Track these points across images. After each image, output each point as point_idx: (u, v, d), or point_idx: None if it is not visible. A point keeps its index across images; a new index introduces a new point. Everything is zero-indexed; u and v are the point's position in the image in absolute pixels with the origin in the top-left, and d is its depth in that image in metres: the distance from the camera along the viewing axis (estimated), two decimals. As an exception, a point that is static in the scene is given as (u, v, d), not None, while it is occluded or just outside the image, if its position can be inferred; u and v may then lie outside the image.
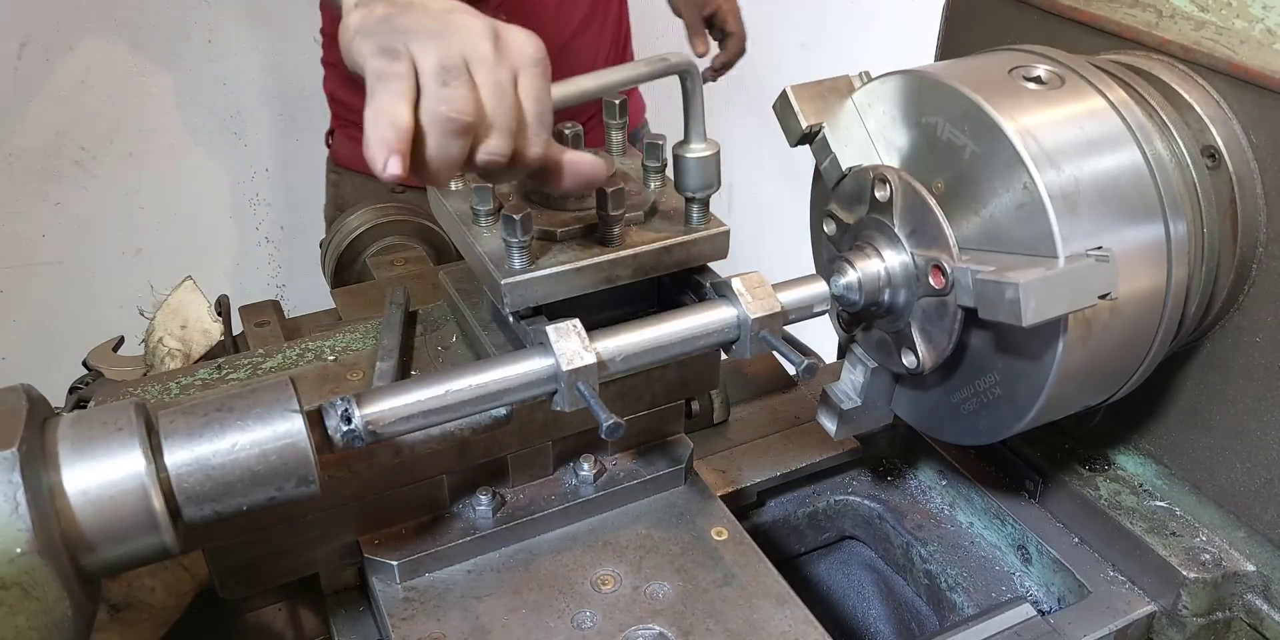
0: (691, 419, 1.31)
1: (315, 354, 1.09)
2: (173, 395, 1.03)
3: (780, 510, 1.34)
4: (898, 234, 0.96)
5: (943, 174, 0.93)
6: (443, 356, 1.09)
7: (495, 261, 0.92)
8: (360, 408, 0.81)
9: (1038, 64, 0.94)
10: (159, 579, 1.06)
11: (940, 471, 1.33)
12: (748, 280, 0.92)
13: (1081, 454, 1.21)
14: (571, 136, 0.98)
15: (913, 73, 0.96)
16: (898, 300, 0.98)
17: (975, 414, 1.01)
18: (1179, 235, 0.90)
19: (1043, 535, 1.18)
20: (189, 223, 2.99)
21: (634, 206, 0.97)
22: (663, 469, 1.11)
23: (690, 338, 0.91)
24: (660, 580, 1.01)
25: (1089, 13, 1.09)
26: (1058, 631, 1.07)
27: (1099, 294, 0.83)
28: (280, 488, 0.77)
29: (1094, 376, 0.95)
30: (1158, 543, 1.09)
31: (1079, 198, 0.85)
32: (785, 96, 1.05)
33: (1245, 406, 1.03)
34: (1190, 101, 0.98)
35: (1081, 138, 0.88)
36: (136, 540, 0.72)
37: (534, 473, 1.09)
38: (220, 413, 0.76)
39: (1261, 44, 0.93)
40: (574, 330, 0.86)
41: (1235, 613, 1.08)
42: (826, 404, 1.12)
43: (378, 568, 1.01)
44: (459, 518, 1.05)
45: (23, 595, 0.66)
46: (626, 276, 0.96)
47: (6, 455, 0.66)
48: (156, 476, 0.72)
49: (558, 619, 0.98)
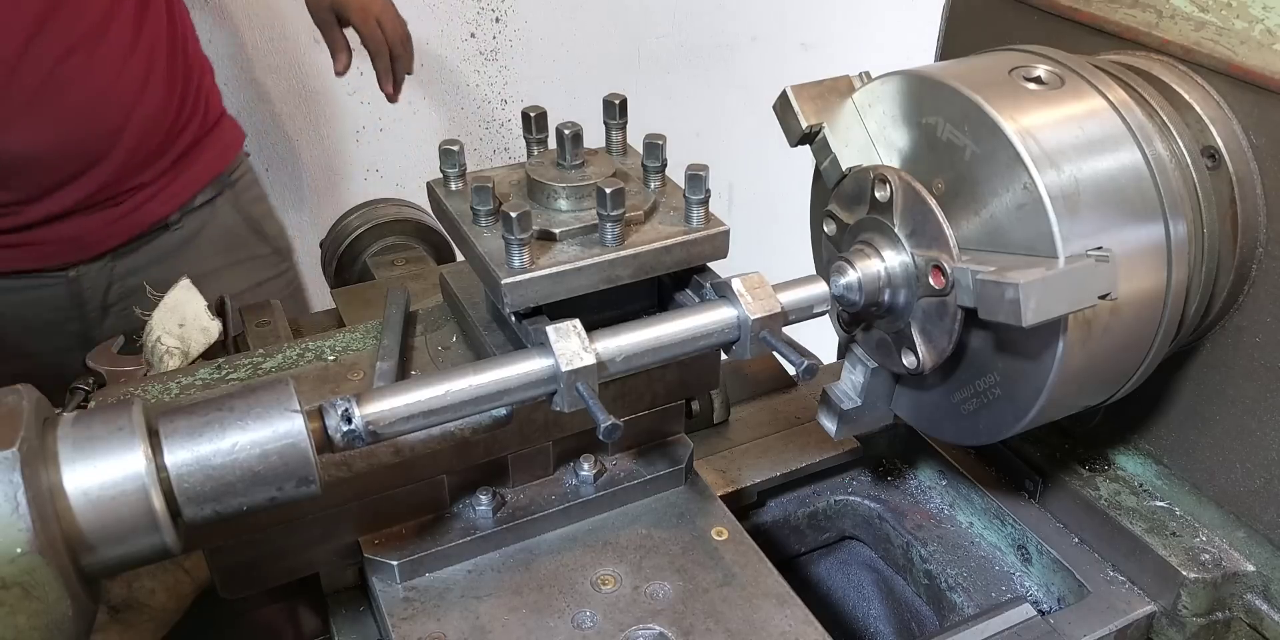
0: (691, 419, 1.31)
1: (315, 354, 1.09)
2: (173, 395, 1.03)
3: (780, 510, 1.34)
4: (898, 234, 0.97)
5: (943, 174, 0.93)
6: (443, 356, 1.09)
7: (495, 261, 0.92)
8: (360, 408, 0.81)
9: (1038, 64, 0.94)
10: (159, 580, 1.06)
11: (940, 471, 1.33)
12: (748, 281, 0.92)
13: (1081, 454, 1.21)
14: (571, 136, 0.98)
15: (913, 73, 0.96)
16: (898, 300, 0.98)
17: (975, 414, 1.01)
18: (1179, 236, 0.90)
19: (1043, 535, 1.18)
20: (189, 223, 2.99)
21: (634, 206, 0.97)
22: (663, 469, 1.11)
23: (690, 338, 0.91)
24: (660, 580, 1.01)
25: (1089, 13, 1.09)
26: (1058, 631, 1.07)
27: (1099, 294, 0.83)
28: (281, 488, 0.77)
29: (1094, 377, 0.95)
30: (1158, 543, 1.09)
31: (1079, 198, 0.85)
32: (785, 96, 1.05)
33: (1245, 406, 1.03)
34: (1190, 102, 0.98)
35: (1082, 138, 0.88)
36: (137, 540, 0.72)
37: (534, 473, 1.09)
38: (220, 413, 0.76)
39: (1261, 44, 0.93)
40: (574, 330, 0.86)
41: (1235, 613, 1.08)
42: (826, 404, 1.12)
43: (378, 568, 1.02)
44: (459, 518, 1.05)
45: (23, 595, 0.66)
46: (626, 276, 0.96)
47: (7, 455, 0.66)
48: (157, 476, 0.72)
49: (558, 619, 0.98)
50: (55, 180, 1.78)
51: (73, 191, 1.80)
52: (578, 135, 0.99)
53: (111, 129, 1.79)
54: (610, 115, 1.05)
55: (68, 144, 1.75)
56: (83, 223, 1.86)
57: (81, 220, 1.86)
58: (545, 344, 0.85)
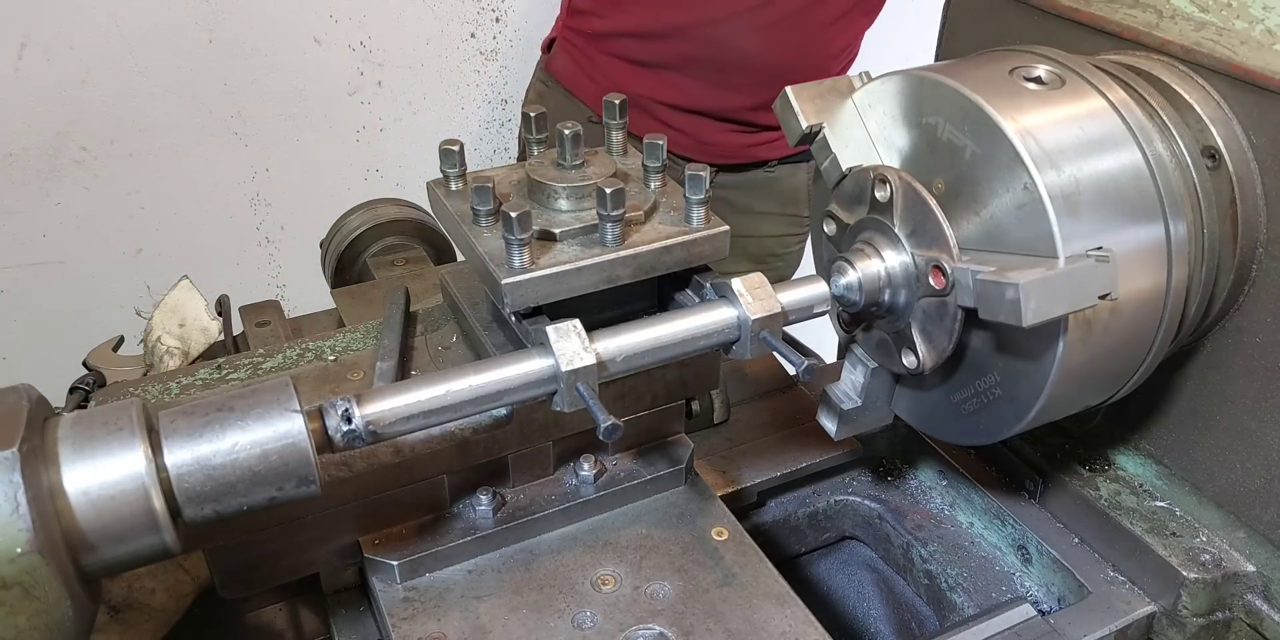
0: (692, 419, 1.31)
1: (315, 354, 1.09)
2: (173, 395, 1.03)
3: (780, 510, 1.34)
4: (898, 234, 0.96)
5: (943, 174, 0.93)
6: (443, 356, 1.09)
7: (495, 261, 0.92)
8: (361, 408, 0.81)
9: (1038, 64, 0.94)
10: (159, 580, 1.06)
11: (940, 471, 1.33)
12: (748, 281, 0.92)
13: (1081, 454, 1.21)
14: (570, 136, 0.98)
15: (913, 73, 0.96)
16: (898, 301, 0.98)
17: (975, 414, 1.01)
18: (1179, 236, 0.90)
19: (1043, 535, 1.18)
20: (189, 223, 2.99)
21: (634, 206, 0.97)
22: (663, 469, 1.11)
23: (690, 338, 0.91)
24: (660, 580, 1.01)
25: (1089, 13, 1.09)
26: (1058, 631, 1.07)
27: (1099, 294, 0.83)
28: (281, 488, 0.77)
29: (1094, 377, 0.95)
30: (1158, 543, 1.09)
31: (1079, 198, 0.85)
32: (785, 96, 1.05)
33: (1245, 406, 1.03)
34: (1190, 102, 0.98)
35: (1082, 138, 0.88)
36: (137, 540, 0.72)
37: (534, 473, 1.09)
38: (221, 413, 0.76)
39: (1261, 44, 0.93)
40: (574, 330, 0.86)
41: (1235, 613, 1.08)
42: (827, 404, 1.12)
43: (378, 568, 1.01)
44: (459, 518, 1.05)
45: (23, 595, 0.66)
46: (626, 276, 0.96)
47: (7, 455, 0.66)
48: (157, 476, 0.72)
49: (558, 619, 0.98)
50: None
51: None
52: (578, 135, 0.99)
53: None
54: (610, 115, 1.05)
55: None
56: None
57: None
58: (545, 344, 0.85)
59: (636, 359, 0.89)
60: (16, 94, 2.64)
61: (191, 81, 2.81)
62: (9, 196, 2.75)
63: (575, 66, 2.34)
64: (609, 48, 2.26)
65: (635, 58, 2.23)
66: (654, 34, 2.18)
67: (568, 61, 2.36)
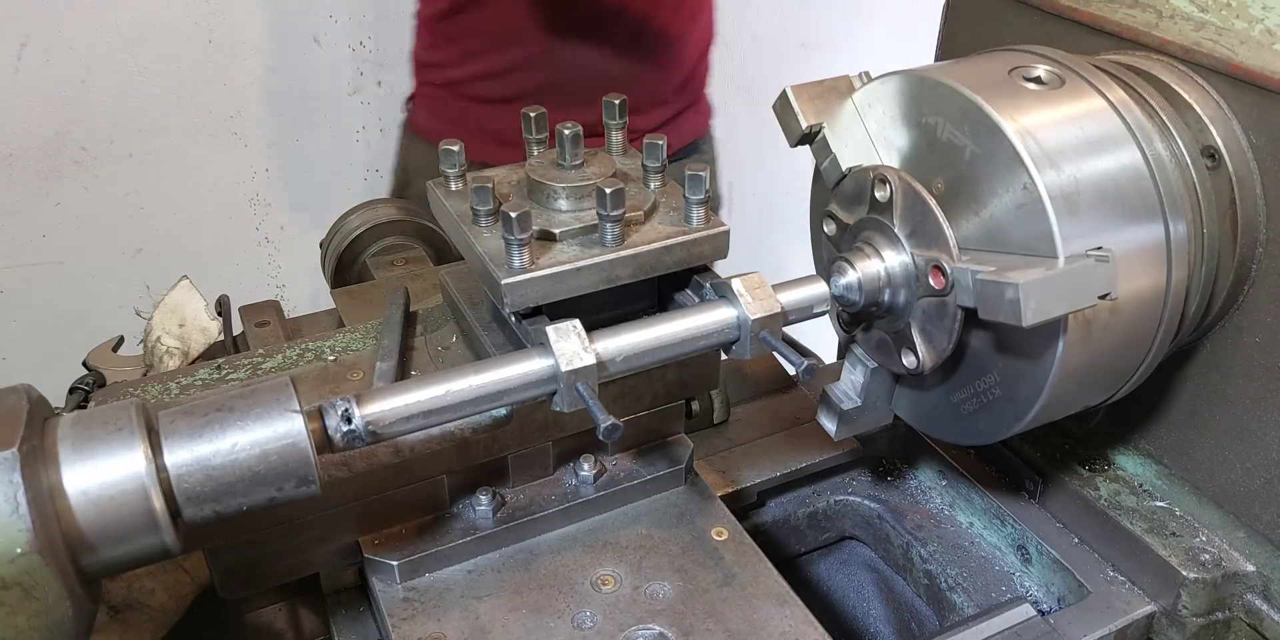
0: (691, 419, 1.31)
1: (315, 354, 1.09)
2: (173, 395, 1.03)
3: (780, 510, 1.34)
4: (898, 234, 0.97)
5: (943, 174, 0.93)
6: (443, 356, 1.09)
7: (495, 261, 0.92)
8: (360, 408, 0.81)
9: (1037, 64, 0.94)
10: (159, 580, 1.06)
11: (940, 471, 1.33)
12: (748, 281, 0.92)
13: (1081, 454, 1.21)
14: (570, 136, 0.98)
15: (913, 73, 0.96)
16: (898, 300, 0.98)
17: (975, 414, 1.01)
18: (1179, 235, 0.90)
19: (1043, 535, 1.18)
20: (189, 223, 2.99)
21: (634, 207, 0.97)
22: (663, 469, 1.11)
23: (690, 338, 0.91)
24: (660, 580, 1.01)
25: (1089, 13, 1.09)
26: (1058, 631, 1.07)
27: (1099, 294, 0.83)
28: (280, 488, 0.77)
29: (1094, 377, 0.95)
30: (1157, 543, 1.09)
31: (1079, 198, 0.85)
32: (785, 96, 1.05)
33: (1245, 406, 1.03)
34: (1190, 102, 0.98)
35: (1081, 138, 0.88)
36: (137, 540, 0.72)
37: (534, 473, 1.09)
38: (220, 413, 0.76)
39: (1261, 44, 0.93)
40: (574, 330, 0.86)
41: (1235, 613, 1.08)
42: (826, 404, 1.12)
43: (378, 568, 1.01)
44: (459, 518, 1.05)
45: (23, 595, 0.66)
46: (626, 276, 0.96)
47: (7, 455, 0.66)
48: (157, 477, 0.72)
49: (558, 619, 0.98)
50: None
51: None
52: (578, 135, 0.99)
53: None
54: (610, 115, 1.05)
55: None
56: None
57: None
58: (545, 344, 0.85)
59: (636, 359, 0.89)
60: (16, 94, 2.64)
61: (191, 81, 2.81)
62: (9, 196, 2.76)
63: (434, 117, 2.38)
64: (464, 92, 2.30)
65: (490, 96, 2.27)
66: (499, 72, 2.23)
67: (428, 116, 2.39)
